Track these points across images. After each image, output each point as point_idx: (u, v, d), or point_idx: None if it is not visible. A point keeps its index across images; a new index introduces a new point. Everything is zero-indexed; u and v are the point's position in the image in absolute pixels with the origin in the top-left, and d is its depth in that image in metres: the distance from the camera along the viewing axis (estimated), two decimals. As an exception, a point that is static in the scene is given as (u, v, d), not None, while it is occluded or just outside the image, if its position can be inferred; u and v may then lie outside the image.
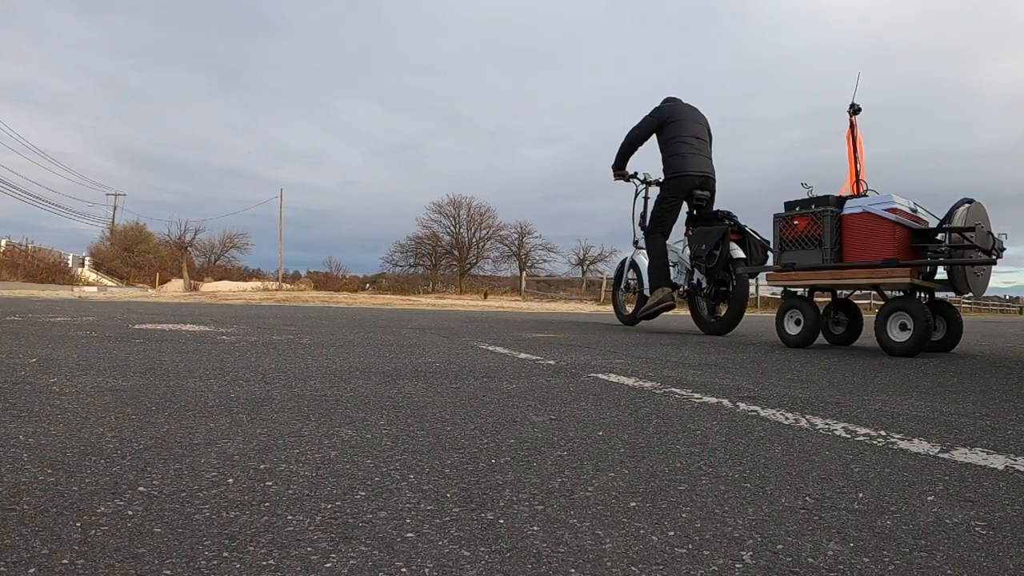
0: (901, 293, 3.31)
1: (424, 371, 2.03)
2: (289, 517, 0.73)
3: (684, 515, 0.78)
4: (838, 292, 3.77)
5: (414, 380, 1.82)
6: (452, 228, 35.55)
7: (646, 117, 4.56)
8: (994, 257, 3.11)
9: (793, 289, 3.61)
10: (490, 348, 2.94)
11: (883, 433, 1.28)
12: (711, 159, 4.48)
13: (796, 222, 3.40)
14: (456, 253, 35.21)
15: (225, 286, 28.17)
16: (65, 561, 0.60)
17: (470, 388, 1.71)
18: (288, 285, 29.25)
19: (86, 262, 38.36)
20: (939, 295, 3.57)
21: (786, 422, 1.37)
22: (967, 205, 3.10)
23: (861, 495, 0.88)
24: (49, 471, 0.86)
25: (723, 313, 4.37)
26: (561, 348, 3.03)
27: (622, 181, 4.84)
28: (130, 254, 38.64)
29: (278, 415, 1.28)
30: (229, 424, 1.18)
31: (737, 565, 0.64)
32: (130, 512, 0.72)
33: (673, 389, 1.80)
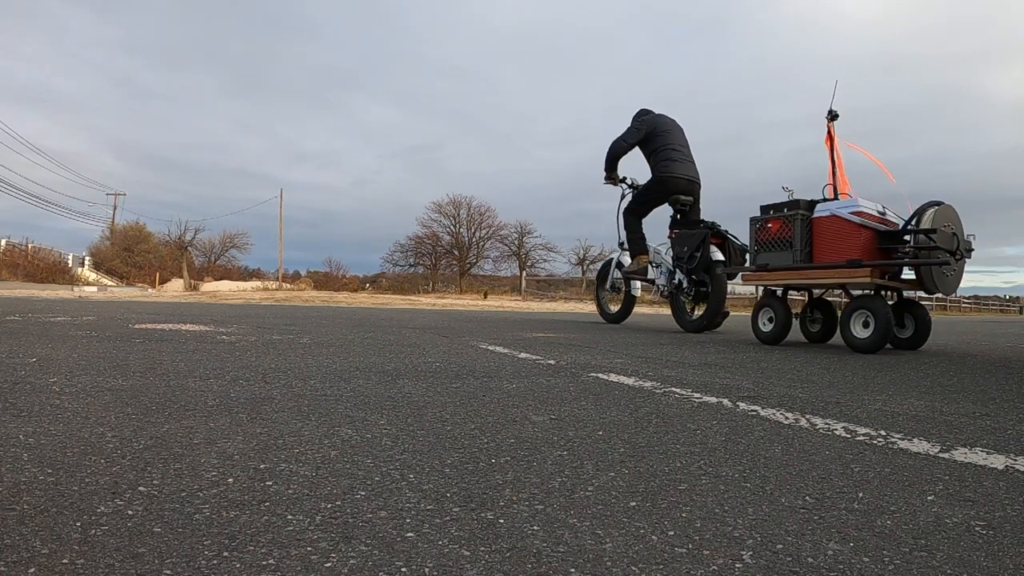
0: (869, 292, 3.38)
1: (424, 371, 2.03)
2: (289, 517, 0.73)
3: (684, 515, 0.78)
4: (813, 291, 3.89)
5: (414, 380, 1.82)
6: (452, 228, 35.55)
7: (631, 128, 4.81)
8: (958, 258, 3.19)
9: (772, 288, 3.75)
10: (490, 348, 2.94)
11: (883, 433, 1.28)
12: (695, 165, 4.76)
13: (770, 225, 3.56)
14: (456, 253, 35.19)
15: (225, 286, 28.16)
16: (65, 561, 0.59)
17: (470, 388, 1.71)
18: (288, 285, 29.24)
19: (86, 262, 38.35)
20: (909, 294, 3.66)
21: (786, 422, 1.37)
22: (935, 208, 3.21)
23: (861, 495, 0.88)
24: (49, 471, 0.86)
25: (702, 312, 4.57)
26: (561, 348, 3.03)
27: (611, 185, 5.08)
28: (130, 254, 38.63)
29: (278, 415, 1.28)
30: (229, 424, 1.18)
31: (737, 565, 0.64)
32: (130, 512, 0.72)
33: (673, 389, 1.80)
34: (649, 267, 4.98)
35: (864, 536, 0.73)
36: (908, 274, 3.41)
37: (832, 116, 3.85)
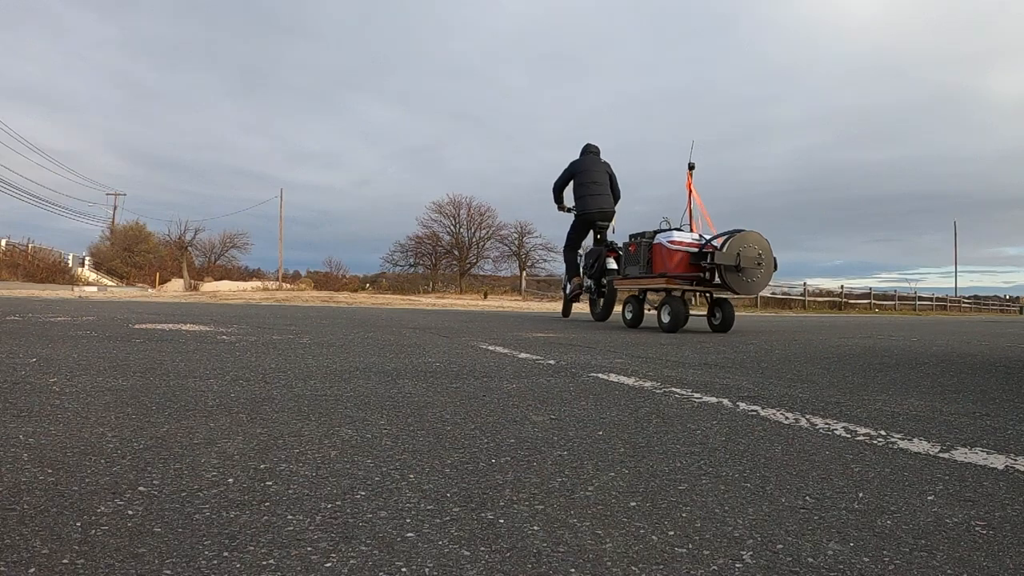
0: (676, 294, 4.84)
1: (424, 371, 2.03)
2: (289, 517, 0.73)
3: (684, 515, 0.78)
4: (668, 292, 5.14)
5: (414, 380, 1.82)
6: (452, 228, 35.52)
7: (563, 171, 6.35)
8: (738, 270, 4.49)
9: (641, 289, 5.29)
10: (490, 348, 2.94)
11: (883, 433, 1.28)
12: (610, 196, 6.15)
13: (631, 247, 5.18)
14: (456, 253, 35.17)
15: (225, 286, 28.16)
16: (65, 561, 0.60)
17: (470, 388, 1.71)
18: (288, 285, 29.23)
19: (86, 262, 38.33)
20: (730, 295, 5.10)
21: (786, 422, 1.37)
22: (737, 233, 4.59)
23: (861, 495, 0.88)
24: (49, 471, 0.86)
25: (602, 306, 6.08)
26: (561, 348, 3.03)
27: (563, 212, 6.51)
28: (130, 254, 38.60)
29: (278, 415, 1.28)
30: (229, 424, 1.18)
31: (737, 565, 0.64)
32: (130, 512, 0.72)
33: (673, 389, 1.80)
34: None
35: (864, 536, 0.73)
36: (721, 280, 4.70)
37: (691, 167, 5.31)
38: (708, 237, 4.77)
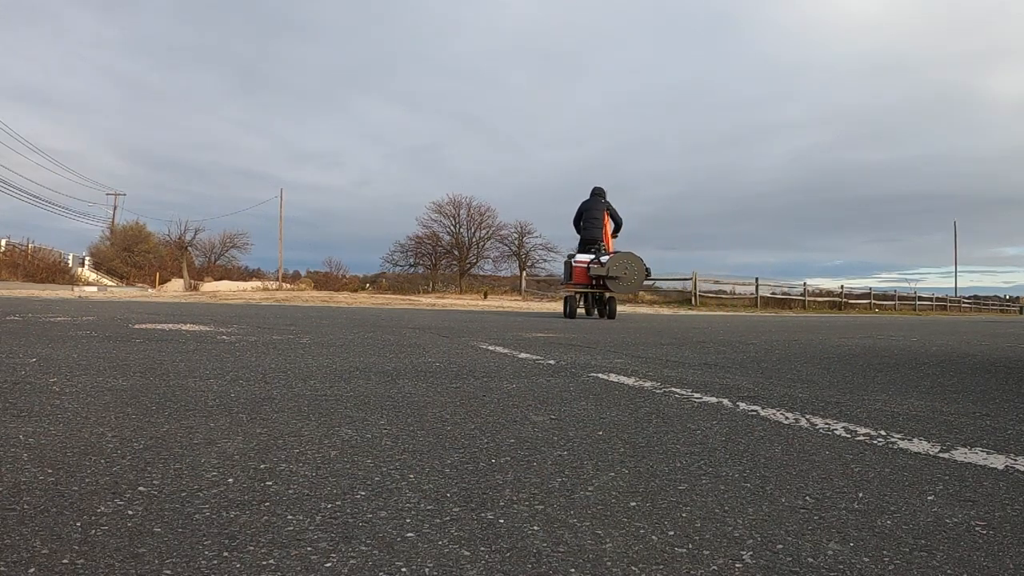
0: (575, 294, 7.54)
1: (424, 371, 2.03)
2: (289, 517, 0.73)
3: (684, 515, 0.78)
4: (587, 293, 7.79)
5: (414, 380, 1.82)
6: (452, 228, 35.48)
7: (577, 209, 8.26)
8: (610, 279, 7.07)
9: (571, 291, 7.82)
10: (490, 348, 2.94)
11: (883, 433, 1.28)
12: (600, 229, 7.94)
13: (564, 263, 7.70)
14: (456, 253, 35.15)
15: (225, 286, 28.16)
16: (65, 561, 0.59)
17: (470, 388, 1.71)
18: (288, 285, 29.22)
19: (86, 262, 38.30)
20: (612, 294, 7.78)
21: (786, 422, 1.37)
22: (615, 255, 7.23)
23: (861, 495, 0.88)
24: (49, 471, 0.86)
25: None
26: (561, 348, 3.03)
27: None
28: (130, 254, 38.57)
29: (278, 415, 1.28)
30: (229, 424, 1.18)
31: (737, 565, 0.64)
32: (130, 512, 0.72)
33: (673, 389, 1.80)
34: None
35: (864, 536, 0.73)
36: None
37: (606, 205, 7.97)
38: (599, 256, 7.34)
